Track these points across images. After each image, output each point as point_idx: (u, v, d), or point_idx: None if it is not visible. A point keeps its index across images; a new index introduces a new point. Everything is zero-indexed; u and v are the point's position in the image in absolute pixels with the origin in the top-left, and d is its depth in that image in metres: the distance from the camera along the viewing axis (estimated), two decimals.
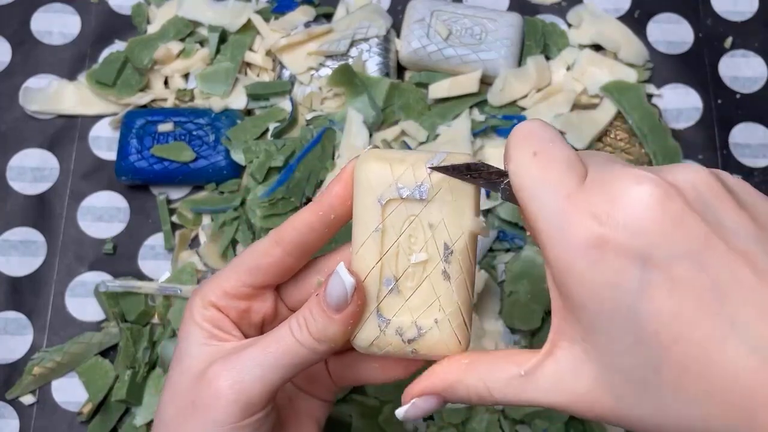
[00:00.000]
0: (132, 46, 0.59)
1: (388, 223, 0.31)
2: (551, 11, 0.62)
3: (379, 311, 0.32)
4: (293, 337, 0.32)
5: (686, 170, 0.26)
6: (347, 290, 0.31)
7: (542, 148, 0.28)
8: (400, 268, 0.32)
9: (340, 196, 0.33)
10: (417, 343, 0.32)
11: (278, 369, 0.32)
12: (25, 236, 0.56)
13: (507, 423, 0.49)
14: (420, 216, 0.31)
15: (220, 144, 0.55)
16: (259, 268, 0.34)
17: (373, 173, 0.31)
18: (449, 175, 0.31)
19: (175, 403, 0.33)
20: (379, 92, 0.56)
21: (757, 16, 0.63)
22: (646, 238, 0.25)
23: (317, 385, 0.38)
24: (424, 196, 0.31)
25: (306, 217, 0.33)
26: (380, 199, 0.31)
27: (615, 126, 0.56)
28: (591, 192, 0.26)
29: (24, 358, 0.52)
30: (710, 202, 0.25)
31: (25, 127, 0.59)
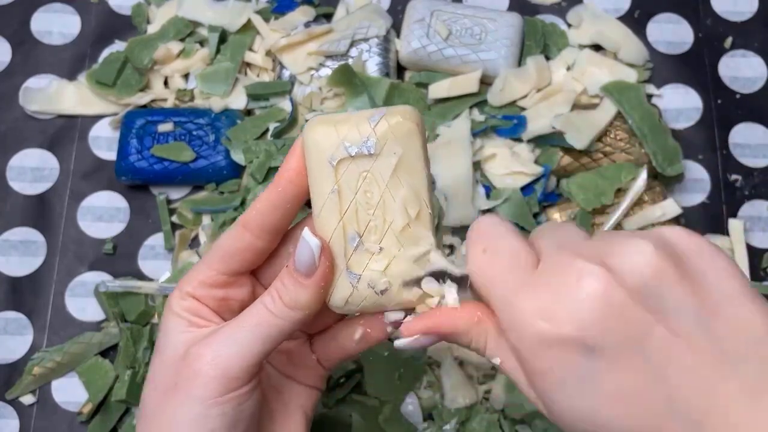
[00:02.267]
0: (132, 46, 0.59)
1: (343, 183, 0.32)
2: (551, 11, 0.62)
3: (348, 268, 0.33)
4: (266, 310, 0.33)
5: (632, 254, 0.27)
6: (314, 253, 0.32)
7: (490, 244, 0.31)
8: (362, 223, 0.33)
9: (294, 169, 0.33)
10: (391, 292, 0.33)
11: (255, 342, 0.33)
12: (25, 236, 0.56)
13: (507, 423, 0.49)
14: (372, 170, 0.32)
15: (220, 144, 0.55)
16: (231, 255, 0.35)
17: (320, 137, 0.32)
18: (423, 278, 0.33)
19: (158, 389, 0.34)
20: (379, 92, 0.56)
21: (757, 16, 0.63)
22: (591, 331, 0.27)
23: (304, 371, 0.39)
24: (371, 150, 0.32)
25: (266, 197, 0.34)
26: (331, 160, 0.32)
27: (615, 126, 0.56)
28: (538, 287, 0.28)
29: (24, 358, 0.52)
30: (653, 287, 0.27)
31: (25, 127, 0.59)
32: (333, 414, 0.50)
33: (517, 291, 0.29)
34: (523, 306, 0.28)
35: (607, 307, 0.27)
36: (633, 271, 0.27)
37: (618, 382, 0.27)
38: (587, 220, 0.54)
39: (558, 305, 0.27)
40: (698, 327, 0.26)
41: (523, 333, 0.28)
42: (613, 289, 0.27)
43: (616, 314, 0.27)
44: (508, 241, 0.31)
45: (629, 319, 0.27)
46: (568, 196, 0.55)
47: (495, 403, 0.50)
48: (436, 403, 0.50)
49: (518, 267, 0.30)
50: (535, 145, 0.56)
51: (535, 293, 0.28)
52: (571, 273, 0.28)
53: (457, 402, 0.49)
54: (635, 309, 0.27)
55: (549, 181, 0.55)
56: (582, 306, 0.27)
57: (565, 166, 0.55)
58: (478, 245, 0.31)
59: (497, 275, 0.30)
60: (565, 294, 0.27)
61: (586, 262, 0.28)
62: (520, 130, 0.55)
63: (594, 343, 0.27)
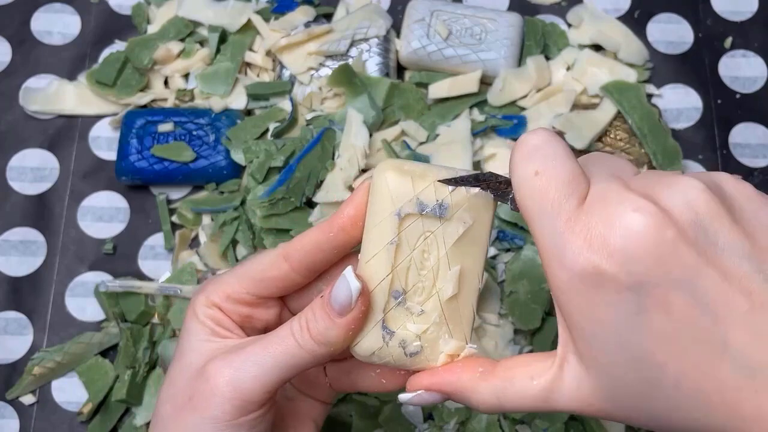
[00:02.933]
0: (132, 46, 0.59)
1: (404, 238, 0.31)
2: (551, 11, 0.62)
3: (384, 322, 0.32)
4: (293, 339, 0.32)
5: (682, 191, 0.26)
6: (352, 294, 0.31)
7: (544, 167, 0.28)
8: (410, 282, 0.32)
9: (351, 218, 0.32)
10: (418, 357, 0.32)
11: (276, 369, 0.32)
12: (25, 236, 0.56)
13: (507, 423, 0.49)
14: (436, 233, 0.31)
15: (220, 144, 0.55)
16: (264, 280, 0.34)
17: (394, 185, 0.31)
18: (460, 185, 0.31)
19: (174, 399, 0.33)
20: (379, 92, 0.56)
21: (757, 16, 0.63)
22: (640, 267, 0.26)
23: (315, 389, 0.38)
24: (443, 214, 0.31)
25: (315, 236, 0.33)
26: (399, 212, 0.31)
27: (615, 126, 0.56)
28: (589, 217, 0.27)
29: (24, 358, 0.52)
30: (705, 225, 0.26)
31: (25, 127, 0.59)
32: (333, 414, 0.50)
33: (567, 219, 0.27)
34: (573, 237, 0.27)
35: (657, 244, 0.25)
36: (684, 209, 0.26)
37: (669, 322, 0.26)
38: None
39: (608, 239, 0.26)
40: (751, 269, 0.25)
41: (570, 266, 0.27)
42: (663, 225, 0.26)
43: (667, 251, 0.25)
44: (563, 165, 0.28)
45: (680, 257, 0.25)
46: None
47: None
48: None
49: (572, 195, 0.28)
50: None
51: (585, 224, 0.27)
52: (622, 207, 0.26)
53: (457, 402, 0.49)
54: (686, 247, 0.25)
55: None
56: (632, 242, 0.26)
57: None
58: (529, 165, 0.29)
59: (549, 202, 0.28)
60: (616, 227, 0.26)
61: (637, 196, 0.26)
62: (520, 130, 0.55)
63: (642, 280, 0.26)
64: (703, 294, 0.25)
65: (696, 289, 0.25)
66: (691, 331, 0.26)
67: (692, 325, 0.26)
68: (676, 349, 0.26)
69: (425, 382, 0.32)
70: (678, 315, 0.26)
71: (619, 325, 0.26)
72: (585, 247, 0.26)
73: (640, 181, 0.28)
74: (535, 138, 0.29)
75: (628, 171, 0.29)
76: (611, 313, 0.26)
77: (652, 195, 0.27)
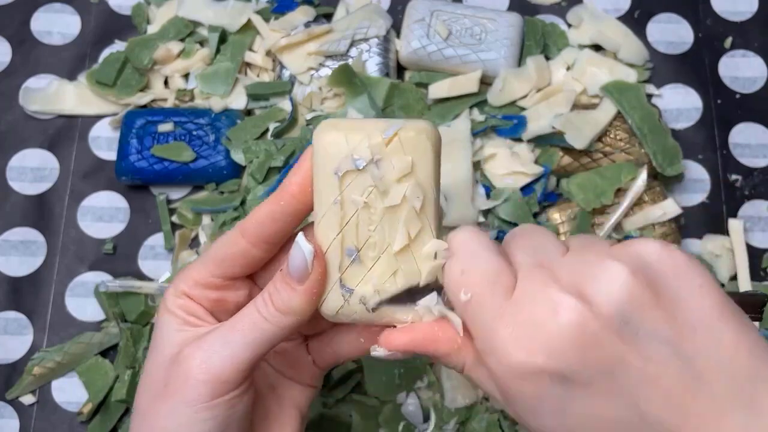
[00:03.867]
0: (132, 46, 0.59)
1: (347, 195, 0.31)
2: (551, 11, 0.62)
3: (342, 281, 0.32)
4: (259, 314, 0.33)
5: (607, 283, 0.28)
6: (306, 258, 0.31)
7: (468, 265, 0.30)
8: (361, 238, 0.32)
9: (298, 184, 0.33)
10: (380, 311, 0.33)
11: (246, 346, 0.32)
12: (25, 236, 0.56)
13: (507, 423, 0.49)
14: (377, 186, 0.31)
15: (220, 144, 0.55)
16: (225, 260, 0.35)
17: (329, 144, 0.31)
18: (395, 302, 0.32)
19: (150, 390, 0.34)
20: (379, 92, 0.56)
21: (757, 16, 0.63)
22: (564, 362, 0.28)
23: (299, 370, 0.38)
24: (379, 165, 0.31)
25: (268, 208, 0.34)
26: (337, 171, 0.31)
27: (615, 126, 0.56)
28: (514, 315, 0.29)
29: (24, 358, 0.52)
30: (627, 314, 0.27)
31: (25, 127, 0.59)
32: (333, 414, 0.50)
33: (494, 316, 0.29)
34: (501, 334, 0.29)
35: (581, 339, 0.27)
36: (608, 301, 0.27)
37: (592, 408, 0.28)
38: (587, 220, 0.54)
39: (534, 335, 0.28)
40: (670, 350, 0.27)
41: (500, 360, 0.29)
42: (587, 321, 0.27)
43: (590, 345, 0.27)
44: (486, 262, 0.30)
45: (603, 348, 0.27)
46: (568, 196, 0.55)
47: (495, 403, 0.50)
48: (436, 403, 0.50)
49: (495, 291, 0.30)
50: (535, 145, 0.56)
51: (512, 320, 0.29)
52: (546, 303, 0.28)
53: (457, 402, 0.49)
54: (609, 339, 0.27)
55: (549, 181, 0.55)
56: (557, 338, 0.28)
57: (565, 166, 0.55)
58: (456, 264, 0.31)
59: (475, 300, 0.30)
60: (540, 325, 0.28)
61: (562, 292, 0.28)
62: (520, 130, 0.55)
63: (568, 373, 0.28)
64: (626, 379, 0.27)
65: (617, 376, 0.28)
66: (613, 415, 0.28)
67: (613, 409, 0.28)
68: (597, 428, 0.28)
69: (401, 341, 0.33)
70: (600, 401, 0.28)
71: (548, 409, 0.29)
72: (512, 342, 0.28)
73: (567, 269, 0.29)
74: (459, 236, 0.31)
75: (554, 251, 0.31)
76: (540, 399, 0.29)
77: (577, 287, 0.28)
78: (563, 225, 0.54)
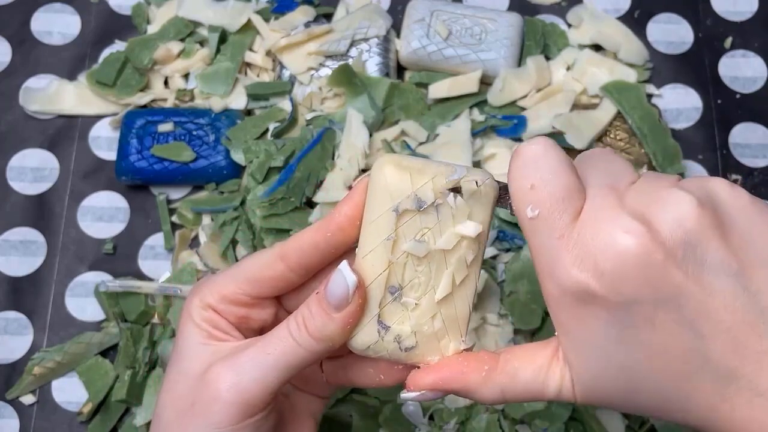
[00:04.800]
0: (132, 46, 0.59)
1: (401, 234, 0.31)
2: (551, 11, 0.62)
3: (380, 317, 0.32)
4: (291, 338, 0.32)
5: (674, 209, 0.27)
6: (349, 288, 0.31)
7: (540, 180, 0.29)
8: (407, 278, 0.32)
9: (349, 217, 0.32)
10: (413, 352, 0.32)
11: (276, 370, 0.32)
12: (25, 236, 0.56)
13: (507, 423, 0.49)
14: (433, 230, 0.31)
15: (220, 144, 0.55)
16: (260, 281, 0.34)
17: (392, 180, 0.31)
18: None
19: (175, 405, 0.33)
20: (379, 92, 0.56)
21: (757, 16, 0.63)
22: (628, 288, 0.27)
23: (311, 385, 0.38)
24: (441, 211, 0.31)
25: (312, 236, 0.33)
26: (397, 208, 0.31)
27: (615, 126, 0.56)
28: (581, 235, 0.28)
29: (24, 358, 0.52)
30: (693, 244, 0.27)
31: (25, 127, 0.59)
32: (333, 414, 0.50)
33: (559, 237, 0.28)
34: (564, 256, 0.28)
35: (644, 265, 0.27)
36: (674, 228, 0.27)
37: (655, 337, 0.27)
38: None
39: (597, 259, 0.27)
40: (736, 285, 0.27)
41: (561, 282, 0.28)
42: (651, 247, 0.27)
43: (653, 272, 0.27)
44: (559, 179, 0.29)
45: (666, 277, 0.27)
46: None
47: None
48: (436, 403, 0.50)
49: (564, 210, 0.28)
50: None
51: (578, 243, 0.28)
52: (613, 228, 0.27)
53: (457, 402, 0.49)
54: (672, 268, 0.26)
55: None
56: (620, 263, 0.27)
57: None
58: (526, 178, 0.29)
59: (543, 217, 0.29)
60: (605, 249, 0.27)
61: (629, 217, 0.27)
62: (520, 130, 0.55)
63: (630, 299, 0.27)
64: (688, 312, 0.27)
65: (681, 307, 0.27)
66: (675, 346, 0.27)
67: (676, 340, 0.27)
68: (659, 360, 0.28)
69: (428, 380, 0.32)
70: (662, 331, 0.27)
71: (607, 338, 0.28)
72: (575, 265, 0.28)
73: (635, 195, 0.28)
74: (532, 149, 0.29)
75: (626, 177, 0.30)
76: (599, 327, 0.28)
77: (644, 212, 0.27)
78: None
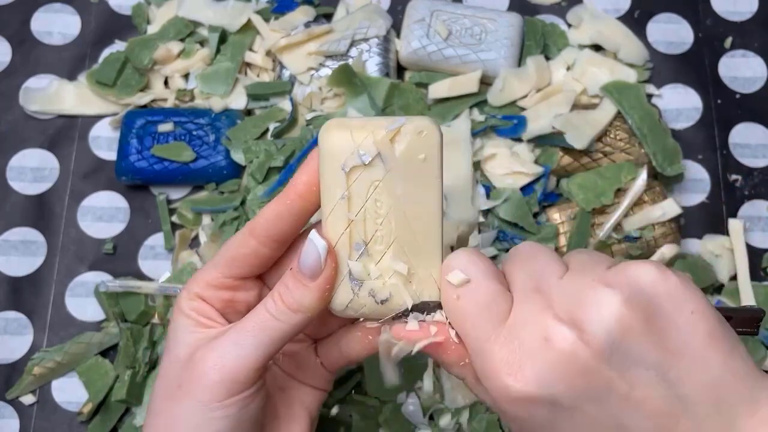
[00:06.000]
0: (132, 46, 0.59)
1: (354, 190, 0.32)
2: (551, 11, 0.62)
3: (351, 275, 0.33)
4: (268, 313, 0.33)
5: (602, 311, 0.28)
6: (320, 255, 0.32)
7: (462, 291, 0.31)
8: (369, 232, 0.32)
9: (305, 183, 0.33)
10: (389, 303, 0.33)
11: (257, 346, 0.33)
12: (25, 236, 0.56)
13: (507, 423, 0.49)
14: (384, 180, 0.32)
15: (220, 144, 0.55)
16: (236, 260, 0.35)
17: (335, 141, 0.32)
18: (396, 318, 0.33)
19: (164, 390, 0.34)
20: (379, 92, 0.56)
21: (757, 16, 0.63)
22: (553, 389, 0.29)
23: (309, 373, 0.39)
24: (386, 160, 0.31)
25: (274, 207, 0.34)
26: (343, 166, 0.32)
27: (615, 126, 0.56)
28: (508, 341, 0.30)
29: (24, 358, 0.52)
30: (618, 343, 0.28)
31: (25, 127, 0.59)
32: (333, 414, 0.50)
33: (488, 342, 0.30)
34: (493, 358, 0.30)
35: (571, 368, 0.28)
36: (599, 330, 0.28)
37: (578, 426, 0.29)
38: (587, 220, 0.54)
39: (525, 363, 0.29)
40: (657, 376, 0.28)
41: (493, 384, 0.30)
42: (579, 350, 0.28)
43: (580, 372, 0.28)
44: (482, 287, 0.31)
45: (592, 376, 0.28)
46: (568, 196, 0.55)
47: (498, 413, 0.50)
48: (436, 403, 0.50)
49: (490, 318, 0.31)
50: (534, 145, 0.56)
51: (505, 346, 0.30)
52: (539, 331, 0.29)
53: (457, 402, 0.49)
54: (598, 367, 0.28)
55: (549, 181, 0.55)
56: (548, 367, 0.29)
57: (565, 166, 0.55)
58: (452, 290, 0.32)
59: (470, 323, 0.31)
60: (532, 353, 0.29)
61: (555, 320, 0.29)
62: (520, 130, 0.55)
63: (557, 399, 0.29)
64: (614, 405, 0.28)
65: (604, 401, 0.29)
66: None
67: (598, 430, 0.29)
68: None
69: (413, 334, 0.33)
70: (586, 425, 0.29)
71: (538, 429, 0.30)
72: (504, 370, 0.29)
73: (562, 294, 0.30)
74: (456, 261, 0.32)
75: (552, 273, 0.31)
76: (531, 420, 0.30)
77: (571, 314, 0.29)
78: (563, 225, 0.54)
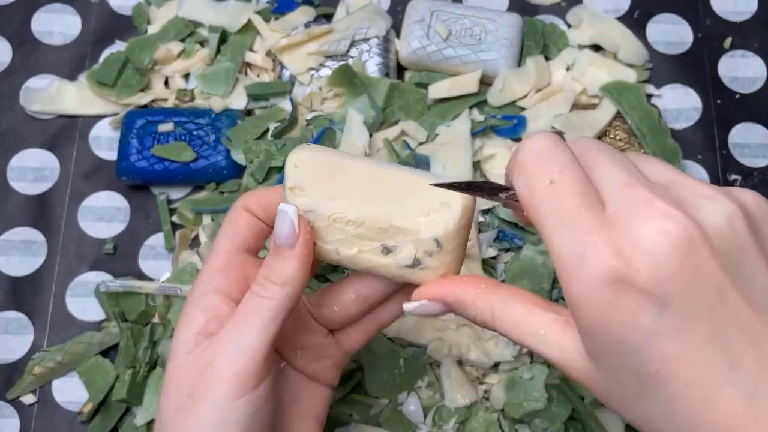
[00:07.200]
0: (132, 46, 0.59)
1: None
2: (551, 11, 0.62)
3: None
4: (257, 296, 0.34)
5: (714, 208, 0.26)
6: (293, 220, 0.33)
7: (558, 176, 0.27)
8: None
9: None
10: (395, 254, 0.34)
11: (258, 333, 0.33)
12: (25, 236, 0.56)
13: (507, 423, 0.49)
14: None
15: (220, 144, 0.56)
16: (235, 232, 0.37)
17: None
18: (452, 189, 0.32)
19: (174, 402, 0.34)
20: (379, 92, 0.56)
21: (757, 16, 0.63)
22: (665, 285, 0.25)
23: (325, 361, 0.39)
24: None
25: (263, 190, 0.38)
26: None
27: (614, 126, 0.56)
28: (612, 229, 0.26)
29: (24, 357, 0.52)
30: (732, 249, 0.25)
31: (25, 127, 0.59)
32: (333, 414, 0.50)
33: (590, 232, 0.26)
34: (597, 249, 0.25)
35: (688, 260, 0.24)
36: (718, 229, 0.25)
37: (685, 342, 0.25)
38: None
39: (634, 252, 0.25)
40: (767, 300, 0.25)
41: (591, 277, 0.26)
42: (695, 244, 0.24)
43: (697, 270, 0.24)
44: (576, 173, 0.27)
45: (709, 278, 0.25)
46: None
47: (495, 403, 0.50)
48: (436, 403, 0.50)
49: (590, 206, 0.26)
50: None
51: (609, 235, 0.26)
52: (651, 215, 0.25)
53: (457, 402, 0.49)
54: (714, 270, 0.25)
55: None
56: (660, 257, 0.24)
57: None
58: (541, 174, 0.27)
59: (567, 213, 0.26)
60: (642, 241, 0.25)
61: (667, 204, 0.25)
62: (520, 130, 0.55)
63: (667, 299, 0.25)
64: (721, 317, 0.25)
65: (715, 311, 0.25)
66: (703, 355, 0.25)
67: (704, 347, 0.25)
68: (681, 371, 0.25)
69: (428, 292, 0.34)
70: (692, 337, 0.25)
71: (631, 339, 0.26)
72: (609, 258, 0.25)
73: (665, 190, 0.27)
74: (545, 143, 0.28)
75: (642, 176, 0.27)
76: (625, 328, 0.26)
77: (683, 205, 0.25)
78: None
